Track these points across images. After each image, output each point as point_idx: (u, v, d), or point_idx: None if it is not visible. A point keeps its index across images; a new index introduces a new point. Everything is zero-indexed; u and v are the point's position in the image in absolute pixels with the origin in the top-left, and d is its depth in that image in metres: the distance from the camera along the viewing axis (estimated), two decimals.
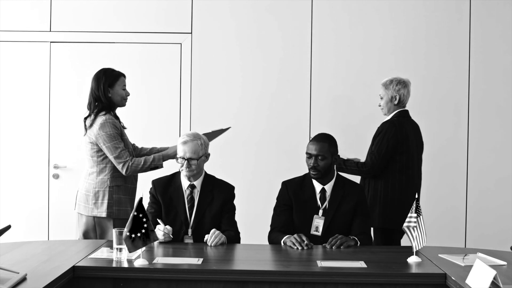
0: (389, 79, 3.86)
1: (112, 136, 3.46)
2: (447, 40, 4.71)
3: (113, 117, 3.54)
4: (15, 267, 2.48)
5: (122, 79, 3.61)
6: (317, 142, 3.33)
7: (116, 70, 3.63)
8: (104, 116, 3.50)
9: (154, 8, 4.74)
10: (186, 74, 4.73)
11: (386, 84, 3.86)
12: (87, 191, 3.54)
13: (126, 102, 3.65)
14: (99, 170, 3.53)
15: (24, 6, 4.73)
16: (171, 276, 2.65)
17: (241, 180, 3.95)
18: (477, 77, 4.71)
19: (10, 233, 2.56)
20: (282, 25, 4.74)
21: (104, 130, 3.46)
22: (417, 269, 2.72)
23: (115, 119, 3.55)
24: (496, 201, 4.71)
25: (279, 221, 3.36)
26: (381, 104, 3.89)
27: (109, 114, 3.52)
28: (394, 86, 3.83)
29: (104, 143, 3.47)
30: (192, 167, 3.26)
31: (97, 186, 3.52)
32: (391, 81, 3.85)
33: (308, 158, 3.33)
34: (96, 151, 3.51)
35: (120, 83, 3.59)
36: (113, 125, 3.48)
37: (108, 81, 3.55)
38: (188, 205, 3.31)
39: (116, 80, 3.58)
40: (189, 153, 3.25)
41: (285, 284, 2.64)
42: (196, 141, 3.28)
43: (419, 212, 2.86)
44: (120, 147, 3.46)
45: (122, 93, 3.60)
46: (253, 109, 4.74)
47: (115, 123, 3.51)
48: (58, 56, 4.76)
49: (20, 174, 4.77)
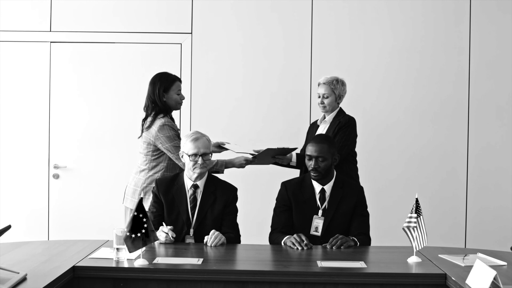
0: (334, 79, 3.88)
1: (171, 137, 3.57)
2: (447, 40, 4.71)
3: (170, 120, 3.64)
4: (15, 267, 2.48)
5: (177, 83, 3.69)
6: (316, 144, 3.34)
7: (172, 75, 3.71)
8: (162, 119, 3.60)
9: (154, 8, 4.74)
10: (186, 74, 4.73)
11: (333, 84, 3.87)
12: (135, 186, 3.64)
13: (181, 106, 3.76)
14: (150, 167, 3.63)
15: (24, 6, 4.73)
16: (171, 276, 2.65)
17: (241, 180, 3.94)
18: (477, 77, 4.71)
19: (10, 233, 2.56)
20: (282, 25, 4.74)
21: (162, 132, 3.56)
22: (417, 269, 2.72)
23: (172, 122, 3.66)
24: (496, 201, 4.71)
25: (279, 221, 3.36)
26: (326, 102, 3.87)
27: (166, 117, 3.63)
28: (341, 86, 3.88)
29: (163, 144, 3.57)
30: (206, 163, 3.28)
31: (146, 182, 3.60)
32: (337, 81, 3.88)
33: (308, 160, 3.34)
34: (152, 150, 3.61)
35: (175, 87, 3.67)
36: (171, 127, 3.59)
37: (164, 86, 3.64)
38: (190, 205, 3.31)
39: (171, 85, 3.66)
40: (203, 148, 3.27)
41: (285, 284, 2.64)
42: (205, 137, 3.33)
43: (419, 212, 2.86)
44: (180, 147, 3.49)
45: (177, 98, 3.69)
46: (253, 109, 4.74)
47: (173, 125, 3.62)
48: (58, 56, 4.76)
49: (20, 174, 4.77)
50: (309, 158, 3.33)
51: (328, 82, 3.88)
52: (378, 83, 4.72)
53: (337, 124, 3.81)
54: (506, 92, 4.71)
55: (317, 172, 3.31)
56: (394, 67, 4.67)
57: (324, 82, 3.89)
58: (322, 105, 3.91)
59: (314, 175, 3.32)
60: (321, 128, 3.94)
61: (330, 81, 3.89)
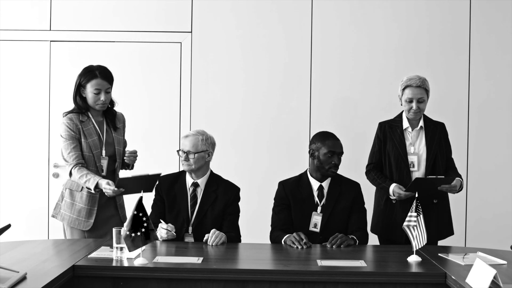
0: (424, 78, 3.47)
1: (64, 137, 3.38)
2: (447, 40, 4.71)
3: (73, 118, 3.41)
4: (15, 266, 2.48)
5: (94, 81, 3.38)
6: (337, 140, 3.35)
7: (95, 69, 3.44)
8: (68, 115, 3.43)
9: (154, 7, 4.74)
10: (186, 73, 4.73)
11: (426, 84, 3.46)
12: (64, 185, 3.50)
13: (102, 107, 3.42)
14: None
15: (24, 5, 4.73)
16: (171, 275, 2.65)
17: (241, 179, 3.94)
18: (477, 77, 4.71)
19: (10, 232, 2.56)
20: (282, 23, 4.73)
21: (60, 129, 3.40)
22: (417, 268, 2.72)
23: (75, 121, 3.41)
24: (496, 200, 4.70)
25: (278, 220, 3.36)
26: (421, 107, 3.47)
27: (72, 114, 3.43)
28: (428, 84, 3.49)
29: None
30: (190, 161, 3.29)
31: (67, 182, 3.49)
32: (426, 80, 3.48)
33: (331, 157, 3.31)
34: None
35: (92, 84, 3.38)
36: (67, 127, 3.37)
37: (80, 79, 3.42)
38: (190, 203, 3.32)
39: (89, 81, 3.40)
40: (188, 146, 3.31)
41: (285, 283, 2.64)
42: (197, 136, 3.33)
43: (419, 211, 2.86)
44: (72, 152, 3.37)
45: (93, 97, 3.38)
46: (253, 109, 4.74)
47: (70, 124, 3.38)
48: (58, 55, 4.76)
49: (20, 173, 4.76)
50: (332, 154, 3.31)
51: (421, 83, 3.43)
52: (377, 82, 4.71)
53: (438, 132, 3.51)
54: (506, 92, 4.70)
55: (336, 168, 3.33)
56: (394, 66, 4.67)
57: (419, 85, 3.42)
58: (416, 112, 3.45)
59: (334, 171, 3.33)
60: (414, 134, 3.53)
61: (422, 81, 3.44)
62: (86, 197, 3.34)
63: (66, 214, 3.38)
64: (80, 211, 3.35)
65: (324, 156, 3.31)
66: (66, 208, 3.38)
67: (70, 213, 3.37)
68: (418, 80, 3.44)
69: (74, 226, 3.35)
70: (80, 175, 3.26)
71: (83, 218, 3.34)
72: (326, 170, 3.32)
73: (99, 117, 3.46)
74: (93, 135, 3.39)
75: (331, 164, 3.30)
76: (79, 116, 3.39)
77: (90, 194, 3.32)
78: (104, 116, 3.48)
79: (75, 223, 3.34)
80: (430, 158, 3.49)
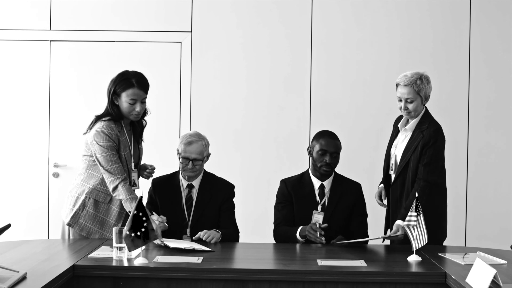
0: (417, 77, 3.20)
1: (104, 148, 3.16)
2: (447, 40, 4.71)
3: (112, 127, 3.22)
4: (15, 266, 2.48)
5: (130, 91, 3.19)
6: (332, 140, 3.31)
7: (132, 77, 3.22)
8: (103, 122, 3.24)
9: (154, 7, 4.74)
10: (186, 73, 4.73)
11: (417, 84, 3.19)
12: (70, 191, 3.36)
13: (136, 117, 3.29)
14: (86, 176, 3.30)
15: (24, 5, 4.73)
16: (171, 275, 2.65)
17: (241, 179, 3.95)
18: (477, 77, 4.70)
19: (10, 232, 2.56)
20: (282, 23, 4.73)
21: (97, 138, 3.18)
22: (417, 268, 2.72)
23: (114, 130, 3.23)
24: (496, 200, 4.70)
25: (281, 215, 3.36)
26: (410, 108, 3.22)
27: (109, 122, 3.23)
28: (426, 84, 3.22)
29: (95, 154, 3.20)
30: (196, 168, 3.25)
31: (79, 190, 3.31)
32: (420, 80, 3.20)
33: (322, 155, 3.29)
34: (89, 155, 3.27)
35: (128, 94, 3.19)
36: (108, 136, 3.17)
37: (115, 87, 3.21)
38: (186, 204, 3.31)
39: (124, 90, 3.19)
40: (195, 154, 3.24)
41: (285, 283, 2.64)
42: (200, 142, 3.28)
43: (419, 211, 2.86)
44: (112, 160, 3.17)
45: (128, 107, 3.21)
46: (253, 108, 4.74)
47: (112, 134, 3.19)
48: (58, 54, 4.76)
49: (20, 173, 4.76)
50: (323, 153, 3.29)
51: (410, 83, 3.18)
52: (377, 82, 4.71)
53: (420, 139, 3.21)
54: (506, 91, 4.70)
55: (329, 167, 3.30)
56: (393, 66, 4.66)
57: (406, 84, 3.18)
58: (406, 111, 3.24)
59: (326, 170, 3.30)
60: (401, 137, 3.35)
61: (412, 81, 3.18)
62: (116, 213, 3.22)
63: (87, 225, 3.21)
64: (103, 223, 3.22)
65: (316, 154, 3.31)
66: (87, 219, 3.21)
67: (91, 225, 3.21)
68: (407, 79, 3.19)
69: (89, 236, 3.23)
70: (131, 196, 3.06)
71: (104, 231, 3.23)
72: (319, 168, 3.31)
73: (128, 127, 3.29)
74: (127, 147, 3.24)
75: (322, 163, 3.29)
76: (115, 125, 3.19)
77: (120, 211, 3.23)
78: (132, 127, 3.33)
79: (94, 234, 3.22)
80: (402, 163, 3.28)
